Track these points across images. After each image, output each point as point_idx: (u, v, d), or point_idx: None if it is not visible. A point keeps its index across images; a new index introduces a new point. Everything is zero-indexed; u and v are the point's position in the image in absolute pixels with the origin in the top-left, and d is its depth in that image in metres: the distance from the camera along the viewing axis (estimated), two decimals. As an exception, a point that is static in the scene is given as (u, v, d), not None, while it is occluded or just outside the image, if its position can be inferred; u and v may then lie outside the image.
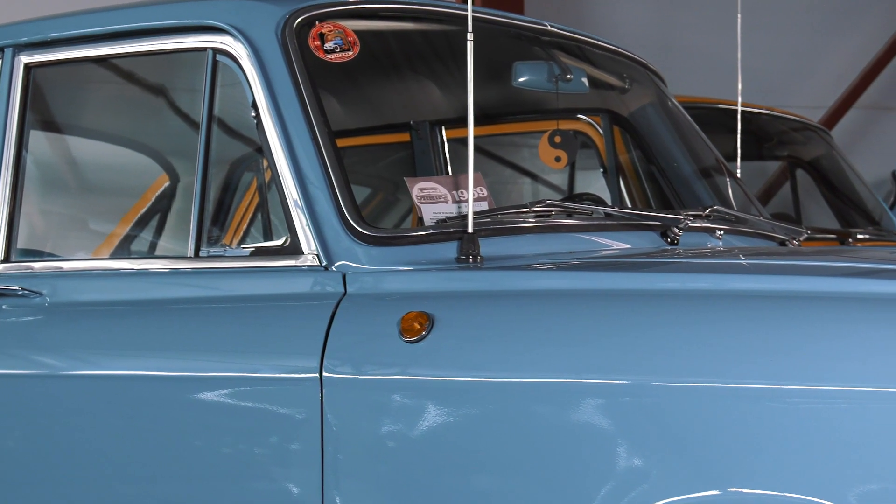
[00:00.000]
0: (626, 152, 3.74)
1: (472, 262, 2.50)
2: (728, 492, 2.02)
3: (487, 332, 2.31)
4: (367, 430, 2.33)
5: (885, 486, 1.92)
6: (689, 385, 2.08)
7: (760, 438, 2.01)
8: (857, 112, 9.44)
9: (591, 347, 2.20)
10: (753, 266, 2.54)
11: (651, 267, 2.54)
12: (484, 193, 2.78)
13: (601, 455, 2.12)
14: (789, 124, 6.06)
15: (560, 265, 2.52)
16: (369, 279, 2.48)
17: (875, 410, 1.94)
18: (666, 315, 2.19)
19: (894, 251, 3.62)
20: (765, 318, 2.11)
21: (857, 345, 2.01)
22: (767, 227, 3.19)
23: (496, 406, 2.23)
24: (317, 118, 2.60)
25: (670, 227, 2.83)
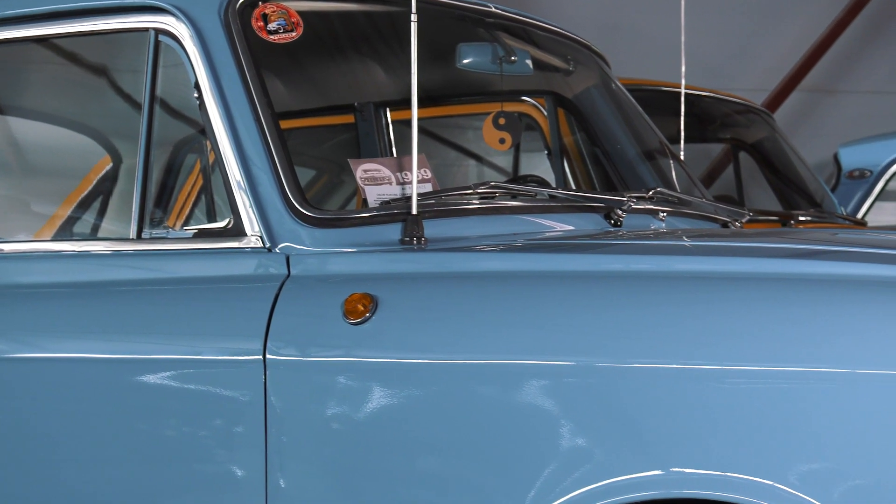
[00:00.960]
0: (571, 134, 3.74)
1: (416, 244, 2.50)
2: (671, 471, 2.04)
3: (431, 313, 2.31)
4: (311, 412, 2.33)
5: (827, 466, 1.93)
6: (633, 366, 2.09)
7: (703, 419, 2.02)
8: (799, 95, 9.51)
9: (536, 329, 2.20)
10: (696, 248, 2.55)
11: (594, 248, 2.55)
12: (428, 175, 2.78)
13: (545, 436, 2.13)
14: (732, 107, 6.09)
15: (504, 247, 2.52)
16: (313, 261, 2.47)
17: (817, 391, 1.96)
18: (609, 296, 2.19)
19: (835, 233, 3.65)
20: (707, 300, 2.12)
21: (798, 326, 2.02)
22: (710, 209, 3.21)
23: (440, 387, 2.23)
24: (260, 99, 2.58)
25: (614, 209, 2.84)
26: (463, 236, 2.60)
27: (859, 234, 3.48)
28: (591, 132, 3.55)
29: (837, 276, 2.13)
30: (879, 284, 2.08)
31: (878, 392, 1.92)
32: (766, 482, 1.96)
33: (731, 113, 6.12)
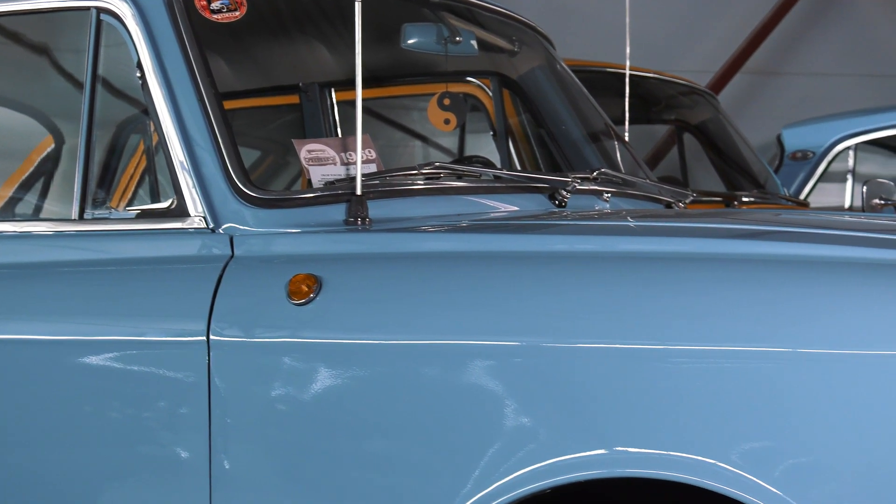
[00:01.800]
0: (516, 115, 3.74)
1: (361, 225, 2.49)
2: (614, 451, 2.04)
3: (376, 294, 2.30)
4: (256, 393, 2.32)
5: (769, 444, 1.95)
6: (578, 346, 2.09)
7: (647, 399, 2.03)
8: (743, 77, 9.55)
9: (480, 309, 2.20)
10: (640, 228, 2.56)
11: (539, 229, 2.55)
12: (373, 155, 2.77)
13: (490, 416, 2.13)
14: (677, 88, 6.11)
15: (449, 227, 2.52)
16: (257, 241, 2.46)
17: (759, 370, 1.97)
18: (554, 277, 2.20)
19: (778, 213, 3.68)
20: (651, 280, 2.13)
21: (739, 305, 2.04)
22: (654, 190, 3.22)
23: (385, 368, 2.23)
24: (203, 79, 2.57)
25: (558, 190, 2.85)
26: (407, 217, 2.59)
27: (802, 215, 3.51)
28: (536, 113, 3.56)
29: (779, 256, 2.15)
30: (821, 264, 2.09)
31: (820, 371, 1.93)
32: (708, 461, 1.97)
33: (675, 94, 6.14)
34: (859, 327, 1.94)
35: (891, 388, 1.89)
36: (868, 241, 2.27)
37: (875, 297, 1.97)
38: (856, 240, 2.30)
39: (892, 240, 2.32)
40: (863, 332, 1.93)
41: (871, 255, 2.13)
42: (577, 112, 3.48)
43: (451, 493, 2.14)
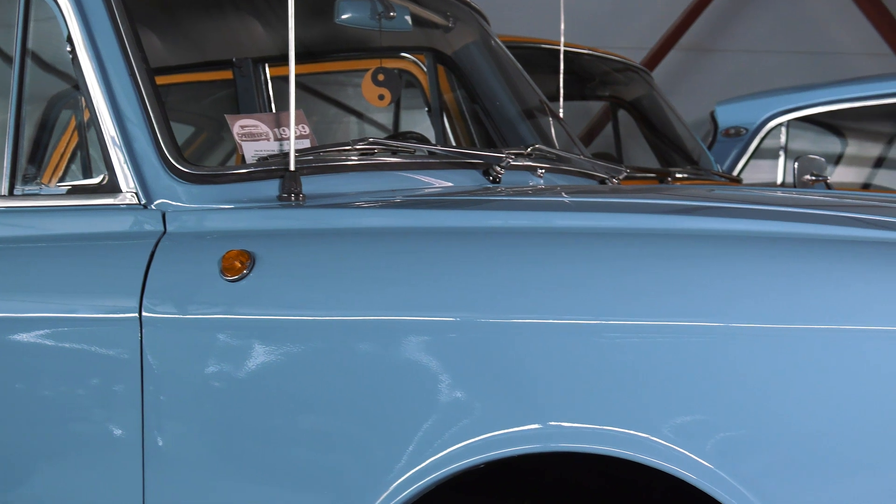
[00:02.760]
0: (451, 91, 3.74)
1: (294, 200, 2.49)
2: (548, 425, 2.05)
3: (310, 270, 2.30)
4: (189, 370, 2.31)
5: (700, 418, 1.96)
6: (512, 321, 2.10)
7: (582, 373, 2.03)
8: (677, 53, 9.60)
9: (415, 285, 2.20)
10: (574, 204, 2.57)
11: (474, 205, 2.55)
12: (306, 131, 2.76)
13: (425, 392, 2.13)
14: (611, 65, 6.13)
15: (383, 203, 2.52)
16: (189, 218, 2.44)
17: (691, 344, 1.98)
18: (489, 252, 2.20)
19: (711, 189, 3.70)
20: (585, 256, 2.14)
21: (673, 280, 2.05)
22: (588, 166, 3.23)
23: (319, 344, 2.23)
24: (135, 54, 2.55)
25: (492, 166, 2.85)
26: (341, 193, 2.59)
27: (734, 191, 3.54)
28: (470, 89, 3.55)
29: (712, 231, 2.16)
30: (751, 240, 2.11)
31: (750, 345, 1.95)
32: (641, 435, 1.99)
33: (610, 71, 6.15)
34: (789, 302, 1.95)
35: (819, 361, 1.91)
36: (799, 217, 2.29)
37: (805, 272, 1.99)
38: (787, 215, 2.32)
39: (822, 215, 2.34)
40: (792, 306, 1.95)
41: (802, 230, 2.15)
42: (511, 88, 3.48)
43: (386, 468, 2.14)
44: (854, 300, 1.93)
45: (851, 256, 2.00)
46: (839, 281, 1.96)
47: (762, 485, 1.92)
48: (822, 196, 2.89)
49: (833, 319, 1.92)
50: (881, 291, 1.92)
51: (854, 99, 6.47)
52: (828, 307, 1.93)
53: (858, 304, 1.92)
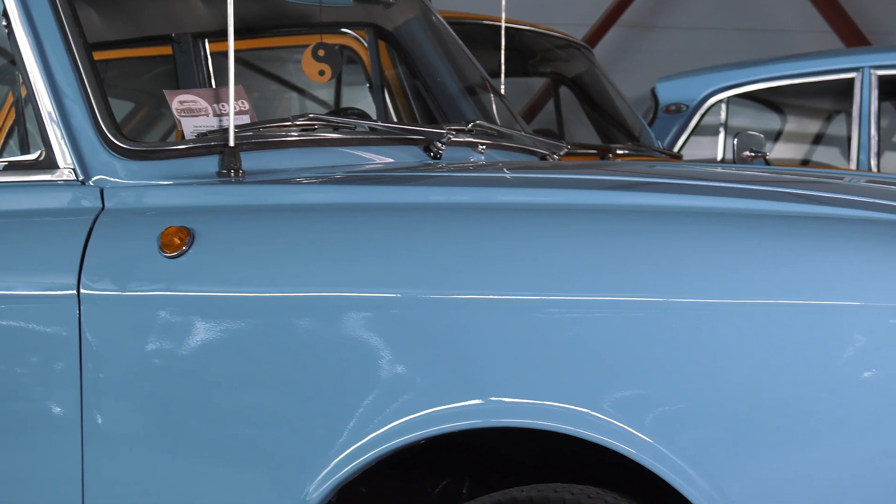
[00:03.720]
0: (392, 67, 3.73)
1: (234, 176, 2.47)
2: (490, 401, 2.06)
3: (250, 246, 2.29)
4: (129, 347, 2.30)
5: (638, 393, 1.97)
6: (454, 297, 2.10)
7: (523, 349, 2.04)
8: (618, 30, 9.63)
9: (356, 261, 2.20)
10: (516, 179, 2.57)
11: (415, 181, 2.55)
12: (246, 107, 2.74)
13: (366, 368, 2.13)
14: (553, 41, 6.13)
15: (323, 179, 2.51)
16: (128, 194, 2.43)
17: (629, 319, 1.99)
18: (431, 228, 2.20)
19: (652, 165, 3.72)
20: (526, 231, 2.14)
21: (614, 256, 2.05)
22: (529, 142, 3.23)
23: (260, 321, 2.22)
24: (72, 29, 2.52)
25: (433, 142, 2.84)
26: (282, 169, 2.58)
27: (674, 167, 3.55)
28: (411, 65, 3.55)
29: (652, 207, 2.17)
30: (692, 215, 2.12)
31: (690, 320, 1.96)
32: (581, 410, 1.99)
33: (551, 47, 6.16)
34: (728, 277, 1.97)
35: (757, 336, 1.92)
36: (738, 193, 2.30)
37: (743, 248, 2.00)
38: (726, 191, 2.33)
39: (761, 191, 2.35)
40: (731, 281, 1.96)
41: (741, 205, 2.16)
42: (452, 64, 3.47)
43: (326, 445, 2.14)
44: (791, 275, 1.94)
45: (789, 232, 2.02)
46: (777, 256, 1.97)
47: (701, 458, 1.93)
48: (760, 172, 2.91)
49: (771, 294, 1.93)
50: (817, 266, 1.94)
51: (793, 76, 6.51)
52: (766, 282, 1.95)
53: (796, 279, 1.93)
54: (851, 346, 1.88)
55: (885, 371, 1.86)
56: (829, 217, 2.08)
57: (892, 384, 1.86)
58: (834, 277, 1.92)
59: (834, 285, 1.91)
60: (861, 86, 6.23)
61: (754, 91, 6.64)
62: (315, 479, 2.15)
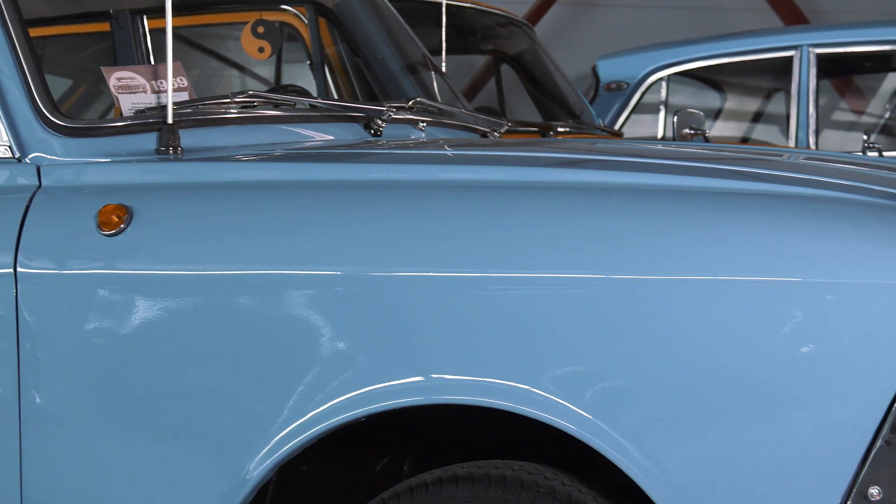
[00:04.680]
0: (332, 45, 3.72)
1: (173, 154, 2.46)
2: (431, 378, 2.06)
3: (189, 224, 2.27)
4: (67, 326, 2.28)
5: (578, 369, 1.98)
6: (396, 275, 2.09)
7: (465, 326, 2.04)
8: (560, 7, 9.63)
9: (297, 239, 2.19)
10: (457, 157, 2.57)
11: (355, 158, 2.54)
12: (184, 83, 2.72)
13: (308, 345, 2.12)
14: (494, 19, 6.12)
15: (263, 156, 2.50)
16: (65, 171, 2.40)
17: (570, 296, 2.00)
18: (372, 205, 2.19)
19: (593, 143, 3.73)
20: (467, 208, 2.14)
21: (554, 233, 2.06)
22: (469, 120, 3.23)
23: (200, 299, 2.21)
24: (7, 5, 2.49)
25: (374, 119, 2.84)
26: (221, 146, 2.56)
27: (615, 144, 3.56)
28: (352, 42, 3.54)
29: (593, 184, 2.17)
30: (632, 192, 2.12)
31: (629, 296, 1.97)
32: (521, 387, 2.00)
33: (492, 25, 6.15)
34: (668, 253, 1.98)
35: (697, 312, 1.93)
36: (677, 170, 2.31)
37: (682, 224, 2.01)
38: (666, 168, 2.34)
39: (700, 168, 2.37)
40: (670, 257, 1.97)
41: (681, 182, 2.17)
42: (393, 42, 3.46)
43: (267, 423, 2.13)
44: (731, 251, 1.95)
45: (728, 208, 2.03)
46: (717, 232, 1.98)
47: (640, 434, 1.94)
48: (700, 149, 2.92)
49: (711, 271, 1.94)
50: (757, 242, 1.95)
51: (733, 54, 6.55)
52: (706, 258, 1.96)
53: (735, 256, 1.95)
54: (790, 321, 1.90)
55: (822, 346, 1.88)
56: (768, 194, 2.09)
57: (829, 359, 1.88)
58: (773, 254, 1.93)
59: (773, 261, 1.93)
60: (800, 64, 6.27)
61: (694, 69, 6.68)
62: (255, 457, 2.14)
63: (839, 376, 1.87)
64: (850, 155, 3.42)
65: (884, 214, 2.02)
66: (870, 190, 2.18)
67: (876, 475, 1.86)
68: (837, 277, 1.89)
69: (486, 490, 2.07)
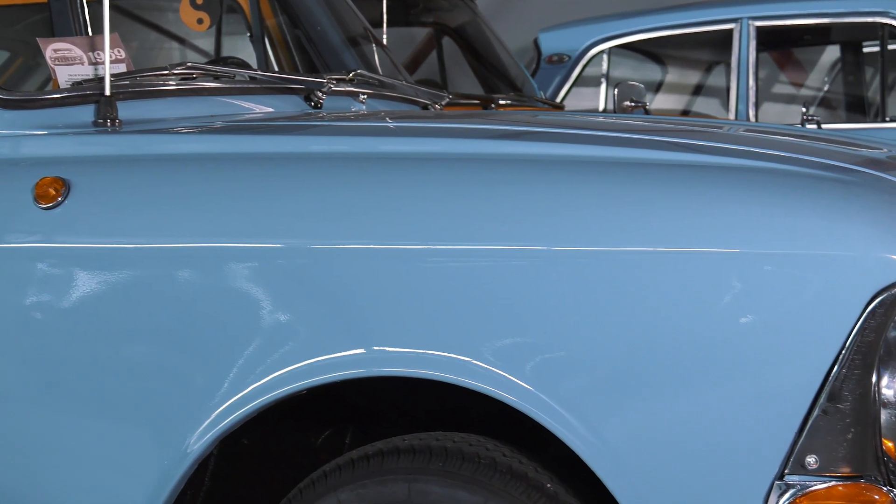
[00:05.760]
0: (273, 17, 3.70)
1: (110, 126, 2.43)
2: (373, 350, 2.05)
3: (127, 197, 2.25)
4: (5, 301, 2.25)
5: (519, 341, 1.98)
6: (338, 247, 2.08)
7: (406, 298, 2.04)
8: (501, -20, 9.60)
9: (238, 211, 2.18)
10: (399, 129, 2.56)
11: (296, 130, 2.53)
12: (122, 55, 2.70)
13: (248, 318, 2.11)
14: (436, -9, 6.12)
15: (202, 128, 2.48)
16: (1, 144, 2.37)
17: (512, 268, 2.00)
18: (313, 178, 2.18)
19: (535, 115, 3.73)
20: (409, 180, 2.13)
21: (496, 205, 2.06)
22: (410, 92, 3.23)
23: (139, 273, 2.19)
24: (-59, -25, 2.46)
25: (314, 91, 2.83)
26: (160, 118, 2.54)
27: (556, 116, 3.57)
28: (292, 14, 3.52)
29: (534, 156, 2.18)
30: (572, 163, 2.13)
31: (571, 268, 1.97)
32: (462, 358, 2.00)
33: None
34: (607, 225, 1.98)
35: (636, 283, 1.94)
36: (618, 141, 2.32)
37: (622, 195, 2.01)
38: (606, 140, 2.35)
39: (640, 140, 2.37)
40: (611, 229, 1.97)
41: (621, 154, 2.18)
42: (334, 14, 3.45)
43: (207, 396, 2.12)
44: (669, 223, 1.96)
45: (668, 180, 2.03)
46: (656, 204, 1.99)
47: (580, 405, 1.95)
48: (640, 121, 2.93)
49: (650, 242, 1.95)
50: (695, 214, 1.96)
51: (674, 27, 6.57)
52: (645, 230, 1.96)
53: (674, 227, 1.95)
54: (728, 292, 1.91)
55: (760, 317, 1.89)
56: (707, 166, 2.10)
57: (767, 329, 1.89)
58: (711, 225, 1.94)
59: (712, 233, 1.93)
60: (740, 37, 6.30)
61: (636, 42, 6.69)
62: (196, 430, 2.13)
63: (777, 347, 1.89)
64: (789, 127, 3.45)
65: (821, 186, 2.03)
66: (808, 162, 2.20)
67: (813, 444, 1.87)
68: (775, 248, 1.90)
69: (428, 462, 2.08)
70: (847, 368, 1.86)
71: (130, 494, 2.19)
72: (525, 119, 2.89)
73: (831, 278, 1.88)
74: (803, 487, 1.88)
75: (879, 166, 2.28)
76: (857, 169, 2.18)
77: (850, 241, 1.89)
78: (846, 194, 2.00)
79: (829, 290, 1.88)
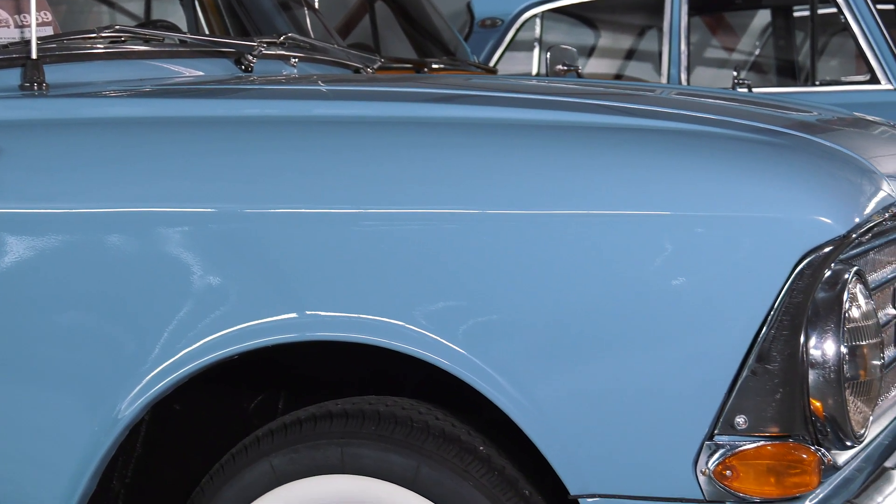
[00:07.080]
0: (203, -21, 3.66)
1: (37, 90, 2.40)
2: (305, 314, 2.05)
3: (55, 161, 2.22)
4: (-68, 267, 2.22)
5: (451, 304, 1.98)
6: (270, 211, 2.07)
7: (339, 262, 2.03)
8: (434, -56, 9.56)
9: (169, 176, 2.16)
10: (331, 92, 2.55)
11: (227, 93, 2.52)
12: (49, 18, 2.66)
13: (179, 283, 2.10)
14: (368, -46, 6.09)
15: (131, 92, 2.46)
16: (-75, 109, 2.34)
17: (444, 231, 2.00)
18: (245, 142, 2.17)
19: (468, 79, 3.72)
20: (340, 144, 2.12)
21: (428, 168, 2.05)
22: (342, 56, 3.21)
23: (68, 237, 2.17)
24: None
25: (244, 55, 2.81)
26: (88, 82, 2.51)
27: (488, 80, 3.57)
28: (223, -23, 3.49)
29: (467, 119, 2.18)
30: (506, 127, 2.13)
31: (502, 231, 1.97)
32: (395, 322, 2.00)
33: (366, -40, 6.11)
34: (541, 188, 1.98)
35: (568, 246, 1.94)
36: (549, 105, 2.32)
37: (554, 158, 2.02)
38: (538, 103, 2.35)
39: (571, 103, 2.38)
40: (543, 192, 1.97)
41: (552, 117, 2.18)
42: (265, -24, 3.42)
43: (138, 362, 2.11)
44: (601, 185, 1.96)
45: (599, 143, 2.04)
46: (588, 166, 2.00)
47: (513, 369, 1.95)
48: (572, 85, 2.94)
49: (581, 205, 1.95)
50: (627, 176, 1.97)
51: (608, -9, 6.59)
52: (577, 193, 1.97)
53: (605, 190, 1.96)
54: (660, 255, 1.92)
55: (691, 279, 1.90)
56: (638, 128, 2.10)
57: (698, 292, 1.90)
58: (643, 187, 1.95)
59: (642, 195, 1.94)
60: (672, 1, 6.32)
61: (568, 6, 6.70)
62: (127, 396, 2.12)
63: (707, 308, 1.90)
64: (720, 91, 3.46)
65: (752, 149, 2.05)
66: (739, 125, 2.21)
67: (742, 404, 1.89)
68: (706, 210, 1.91)
69: (360, 426, 2.08)
70: (776, 329, 1.88)
71: (61, 461, 2.17)
72: (458, 83, 2.88)
73: (761, 240, 1.89)
74: (733, 447, 1.90)
75: (809, 129, 2.30)
76: (788, 132, 2.20)
77: (780, 203, 1.91)
78: (776, 157, 2.02)
79: (759, 252, 1.89)
